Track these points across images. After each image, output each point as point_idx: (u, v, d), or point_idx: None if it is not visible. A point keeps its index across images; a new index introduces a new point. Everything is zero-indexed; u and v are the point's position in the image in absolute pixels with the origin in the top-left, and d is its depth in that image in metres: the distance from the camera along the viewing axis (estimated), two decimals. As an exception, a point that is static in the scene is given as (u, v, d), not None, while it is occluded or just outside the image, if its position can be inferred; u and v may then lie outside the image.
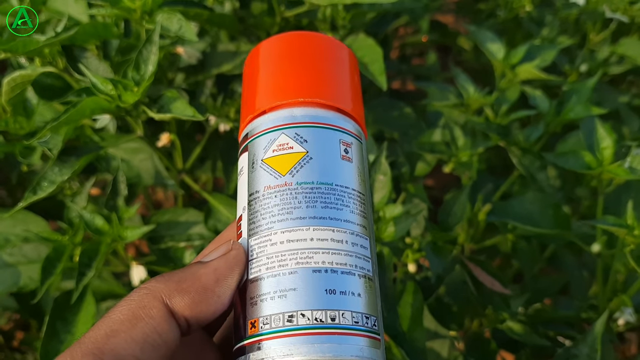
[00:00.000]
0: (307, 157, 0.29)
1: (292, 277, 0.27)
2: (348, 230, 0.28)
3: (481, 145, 0.58)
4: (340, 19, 0.55)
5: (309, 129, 0.30)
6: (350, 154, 0.30)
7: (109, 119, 0.51)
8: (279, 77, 0.32)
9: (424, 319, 0.52)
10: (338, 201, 0.29)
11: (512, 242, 0.63)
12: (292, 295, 0.26)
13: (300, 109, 0.31)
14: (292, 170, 0.29)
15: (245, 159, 0.31)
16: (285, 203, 0.28)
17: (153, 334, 0.24)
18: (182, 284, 0.26)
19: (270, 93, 0.31)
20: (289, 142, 0.30)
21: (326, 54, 0.33)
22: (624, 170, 0.51)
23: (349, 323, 0.26)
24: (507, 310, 0.51)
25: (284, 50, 0.33)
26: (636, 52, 0.74)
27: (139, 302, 0.25)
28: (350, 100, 0.32)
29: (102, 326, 0.24)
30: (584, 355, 0.45)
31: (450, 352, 0.53)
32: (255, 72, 0.33)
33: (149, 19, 0.47)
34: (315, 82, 0.32)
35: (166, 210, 0.54)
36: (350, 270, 0.27)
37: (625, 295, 0.54)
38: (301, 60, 0.32)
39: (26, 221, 0.55)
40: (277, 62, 0.33)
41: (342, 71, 0.33)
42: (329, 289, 0.26)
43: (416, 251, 0.51)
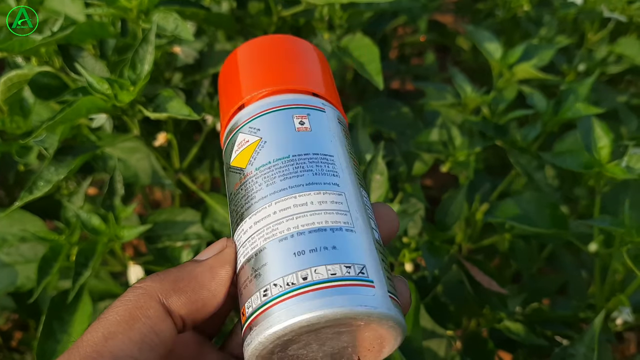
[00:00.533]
0: (261, 143, 0.30)
1: (262, 254, 0.27)
2: (312, 192, 0.28)
3: (478, 145, 0.58)
4: (337, 18, 0.55)
5: (259, 118, 0.31)
6: (307, 124, 0.31)
7: (106, 119, 0.51)
8: (235, 83, 0.34)
9: (421, 319, 0.52)
10: (297, 169, 0.29)
11: (510, 241, 0.63)
12: (264, 270, 0.26)
13: (251, 105, 0.32)
14: (251, 160, 0.30)
15: (223, 171, 0.32)
16: (248, 191, 0.29)
17: (150, 334, 0.24)
18: (178, 283, 0.26)
19: (229, 102, 0.33)
20: (245, 137, 0.31)
21: (273, 48, 0.35)
22: (621, 170, 0.51)
23: (324, 277, 0.25)
24: (505, 310, 0.51)
25: (240, 60, 0.34)
26: (634, 51, 0.74)
27: (135, 302, 0.25)
28: (302, 77, 0.33)
29: (99, 328, 0.24)
30: (581, 354, 0.45)
31: (447, 352, 0.53)
32: (222, 86, 0.35)
33: (146, 18, 0.47)
34: (262, 75, 0.33)
35: (163, 210, 0.54)
36: (320, 227, 0.27)
37: (623, 295, 0.54)
38: (250, 64, 0.34)
39: (23, 221, 0.55)
40: (233, 73, 0.34)
41: (289, 56, 0.34)
42: (297, 252, 0.26)
43: (413, 251, 0.51)
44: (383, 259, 0.28)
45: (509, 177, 0.63)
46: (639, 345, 0.91)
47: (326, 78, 0.35)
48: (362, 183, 0.31)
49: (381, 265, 0.27)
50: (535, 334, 0.54)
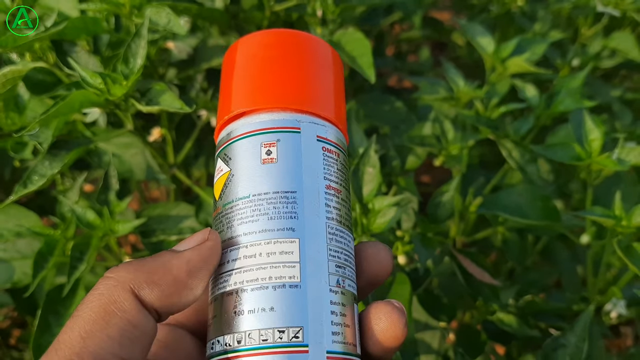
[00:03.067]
0: (230, 176, 0.28)
1: (213, 305, 0.27)
2: (263, 241, 0.26)
3: (471, 138, 0.58)
4: (330, 12, 0.56)
5: (231, 145, 0.29)
6: (275, 153, 0.28)
7: (99, 113, 0.51)
8: (224, 95, 0.31)
9: (414, 311, 0.53)
10: (254, 212, 0.27)
11: (503, 235, 0.63)
12: (212, 323, 0.26)
13: (229, 126, 0.30)
14: (221, 193, 0.28)
15: None
16: (217, 229, 0.28)
17: (129, 327, 0.23)
18: (152, 275, 0.25)
19: (220, 115, 0.31)
20: (220, 165, 0.29)
21: (267, 49, 0.31)
22: (612, 162, 0.51)
23: (256, 343, 0.25)
24: (497, 302, 0.52)
25: (229, 65, 0.32)
26: (628, 45, 0.75)
27: (109, 296, 0.24)
28: (282, 89, 0.29)
29: (75, 327, 0.23)
30: (572, 344, 0.46)
31: (440, 344, 0.53)
32: (220, 89, 0.33)
33: (138, 13, 0.47)
34: (242, 88, 0.30)
35: (157, 204, 0.55)
36: (262, 285, 0.26)
37: (616, 287, 0.54)
38: (236, 71, 0.31)
39: (19, 216, 0.55)
40: (224, 80, 0.32)
41: (282, 60, 0.30)
42: (236, 310, 0.26)
43: (406, 243, 0.52)
44: (337, 311, 0.26)
45: (501, 171, 0.63)
46: (635, 340, 0.91)
47: (324, 84, 0.31)
48: (339, 217, 0.28)
49: (328, 320, 0.25)
50: (529, 326, 0.55)
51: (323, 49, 0.32)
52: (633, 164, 0.52)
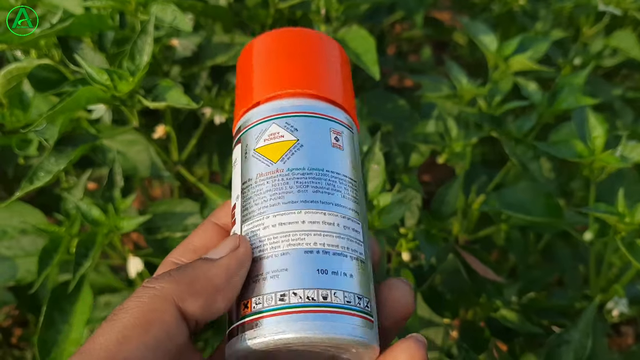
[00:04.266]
0: (297, 145, 0.30)
1: (284, 258, 0.27)
2: (339, 214, 0.29)
3: (474, 136, 0.58)
4: (334, 10, 0.56)
5: (299, 118, 0.31)
6: (341, 142, 0.31)
7: (105, 110, 0.52)
8: (271, 70, 0.33)
9: (418, 307, 0.53)
10: (329, 186, 0.29)
11: (506, 232, 0.63)
12: (284, 275, 0.27)
13: (291, 100, 0.31)
14: (284, 157, 0.30)
15: (238, 151, 0.32)
16: (277, 188, 0.29)
17: (165, 339, 0.23)
18: (193, 285, 0.25)
19: (262, 86, 0.32)
20: (280, 131, 0.30)
21: (316, 48, 0.34)
22: (615, 159, 0.51)
23: (341, 302, 0.26)
24: (501, 298, 0.52)
25: (276, 45, 0.34)
26: (629, 44, 0.75)
27: (151, 305, 0.24)
28: (340, 92, 0.33)
29: (113, 330, 0.23)
30: (576, 340, 0.46)
31: (444, 340, 0.53)
32: (248, 66, 0.34)
33: (144, 10, 0.47)
34: (305, 74, 0.32)
35: (162, 201, 0.55)
36: (342, 252, 0.28)
37: (618, 285, 0.54)
38: (292, 55, 0.33)
39: (23, 213, 0.55)
40: (269, 56, 0.33)
41: (331, 64, 0.34)
42: (320, 269, 0.27)
43: (410, 240, 0.52)
44: (375, 294, 0.29)
45: (505, 169, 0.63)
46: (636, 338, 0.92)
47: (352, 92, 0.35)
48: None
49: (374, 300, 0.28)
50: (532, 323, 0.55)
51: (343, 56, 0.36)
52: (636, 161, 0.52)
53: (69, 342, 0.48)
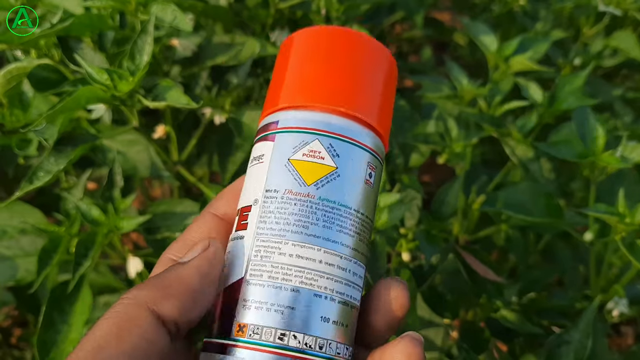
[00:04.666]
0: (335, 173, 0.28)
1: (294, 295, 0.26)
2: (352, 260, 0.28)
3: (474, 136, 0.58)
4: (334, 10, 0.56)
5: (343, 143, 0.29)
6: (373, 178, 0.29)
7: (105, 110, 0.51)
8: (322, 74, 0.30)
9: (419, 308, 0.53)
10: (352, 228, 0.28)
11: (506, 233, 0.63)
12: (289, 313, 0.26)
13: (338, 119, 0.29)
14: (318, 182, 0.28)
15: (268, 148, 0.29)
16: (303, 215, 0.27)
17: (143, 344, 0.24)
18: (167, 288, 0.25)
19: (310, 89, 0.30)
20: (322, 151, 0.29)
21: (370, 61, 0.31)
22: (615, 159, 0.51)
23: (333, 353, 0.26)
24: (501, 299, 0.52)
25: (330, 45, 0.31)
26: (629, 44, 0.75)
27: (125, 314, 0.24)
28: (384, 117, 0.31)
29: (87, 343, 0.23)
30: (576, 340, 0.46)
31: (444, 341, 0.53)
32: (295, 58, 0.31)
33: (144, 10, 0.47)
34: (357, 93, 0.30)
35: (162, 201, 0.55)
36: (346, 301, 0.27)
37: (618, 285, 0.54)
38: (346, 63, 0.30)
39: (23, 213, 0.55)
40: (322, 56, 0.31)
41: (382, 84, 0.31)
42: (324, 317, 0.26)
43: (410, 241, 0.52)
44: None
45: (505, 169, 0.63)
46: (636, 339, 0.92)
47: (391, 113, 0.33)
48: None
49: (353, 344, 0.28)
50: (532, 323, 0.55)
51: (390, 62, 0.33)
52: (636, 162, 0.52)
53: (68, 342, 0.48)
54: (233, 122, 0.54)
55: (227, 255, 0.29)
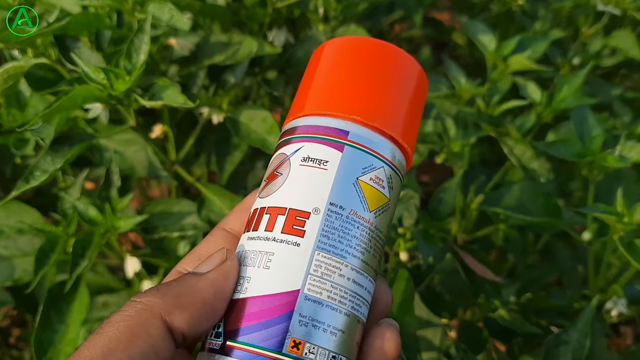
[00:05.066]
0: (387, 205, 0.29)
1: (346, 319, 0.27)
2: (373, 284, 0.29)
3: (472, 136, 0.58)
4: (332, 9, 0.56)
5: (396, 175, 0.29)
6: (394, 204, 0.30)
7: (102, 109, 0.51)
8: (397, 102, 0.30)
9: (416, 308, 0.53)
10: (378, 252, 0.29)
11: (505, 232, 0.63)
12: (341, 337, 0.26)
13: (398, 152, 0.29)
14: (377, 211, 0.28)
15: (335, 157, 0.28)
16: (362, 240, 0.27)
17: (151, 352, 0.24)
18: (180, 299, 0.25)
19: (386, 114, 0.29)
20: (385, 180, 0.29)
21: (416, 86, 0.31)
22: (613, 158, 0.51)
23: None
24: (499, 298, 0.52)
25: (386, 61, 0.31)
26: (628, 44, 0.75)
27: (137, 319, 0.24)
28: (414, 139, 0.31)
29: (98, 343, 0.23)
30: (574, 340, 0.46)
31: (442, 341, 0.53)
32: (355, 63, 0.30)
33: (141, 9, 0.47)
34: (409, 125, 0.30)
35: (159, 200, 0.55)
36: (362, 322, 0.28)
37: (617, 285, 0.54)
38: (406, 93, 0.30)
39: (20, 213, 0.55)
40: (385, 72, 0.30)
41: (421, 111, 0.32)
42: (357, 342, 0.28)
43: (408, 240, 0.52)
44: None
45: (503, 169, 0.63)
46: (635, 339, 0.91)
47: None
48: None
49: None
50: (530, 323, 0.55)
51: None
52: (635, 161, 0.52)
53: (65, 342, 0.48)
54: (230, 122, 0.54)
55: (263, 254, 0.27)
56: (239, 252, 0.28)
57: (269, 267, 0.27)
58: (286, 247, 0.27)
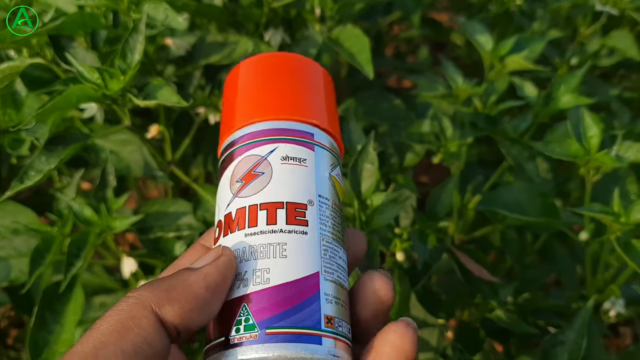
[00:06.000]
0: (344, 192, 0.34)
1: (344, 292, 0.29)
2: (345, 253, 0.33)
3: (469, 136, 0.58)
4: (328, 9, 0.56)
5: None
6: None
7: (97, 109, 0.51)
8: (322, 99, 0.35)
9: (413, 308, 0.52)
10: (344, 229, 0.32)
11: (502, 232, 0.63)
12: (344, 306, 0.29)
13: (337, 146, 0.34)
14: (343, 201, 0.33)
15: (310, 155, 0.31)
16: (341, 225, 0.31)
17: (143, 344, 0.24)
18: (171, 292, 0.25)
19: (319, 110, 0.33)
20: (341, 175, 0.34)
21: (329, 86, 0.37)
22: (610, 158, 0.51)
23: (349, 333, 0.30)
24: (496, 298, 0.52)
25: (301, 68, 0.35)
26: (626, 44, 0.75)
27: (128, 312, 0.24)
28: None
29: (90, 339, 0.23)
30: (571, 340, 0.46)
31: (439, 341, 0.53)
32: (282, 74, 0.35)
33: (136, 9, 0.47)
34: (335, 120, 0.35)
35: (155, 200, 0.55)
36: (347, 288, 0.32)
37: (614, 285, 0.54)
38: (328, 91, 0.36)
39: (16, 213, 0.55)
40: (308, 78, 0.35)
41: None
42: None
43: (405, 241, 0.51)
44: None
45: (500, 169, 0.63)
46: (634, 339, 0.91)
47: None
48: None
49: None
50: (527, 323, 0.54)
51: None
52: (631, 161, 0.52)
53: (60, 342, 0.48)
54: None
55: (275, 245, 0.28)
56: (239, 249, 0.28)
57: (286, 255, 0.28)
58: (296, 236, 0.29)
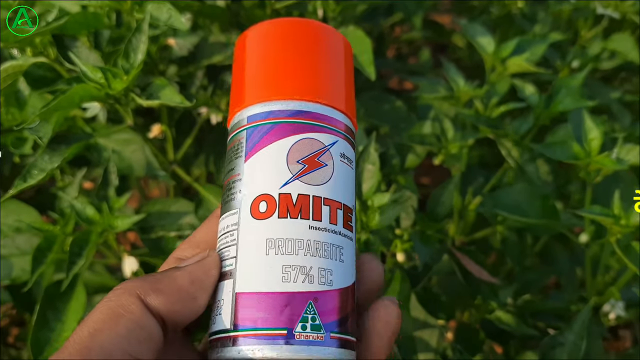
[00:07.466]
0: None
1: None
2: None
3: (470, 137, 0.58)
4: (331, 11, 0.56)
5: None
6: None
7: (99, 108, 0.51)
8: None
9: (413, 309, 0.53)
10: None
11: (502, 234, 0.63)
12: None
13: None
14: None
15: (353, 156, 0.29)
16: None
17: (136, 328, 0.25)
18: (157, 284, 0.27)
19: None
20: None
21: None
22: (611, 161, 0.51)
23: None
24: (496, 300, 0.52)
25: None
26: (627, 47, 0.75)
27: (117, 301, 0.25)
28: None
29: (85, 327, 0.25)
30: (570, 342, 0.46)
31: (439, 342, 0.53)
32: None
33: (139, 9, 0.47)
34: None
35: (157, 200, 0.55)
36: None
37: (614, 288, 0.54)
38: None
39: (18, 212, 0.55)
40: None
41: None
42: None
43: (405, 242, 0.52)
44: None
45: (501, 170, 0.63)
46: (634, 342, 0.91)
47: None
48: None
49: None
50: (527, 325, 0.55)
51: None
52: (632, 164, 0.52)
53: (62, 341, 0.48)
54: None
55: (336, 247, 0.27)
56: (302, 240, 0.27)
57: (343, 260, 0.27)
58: (348, 241, 0.28)
